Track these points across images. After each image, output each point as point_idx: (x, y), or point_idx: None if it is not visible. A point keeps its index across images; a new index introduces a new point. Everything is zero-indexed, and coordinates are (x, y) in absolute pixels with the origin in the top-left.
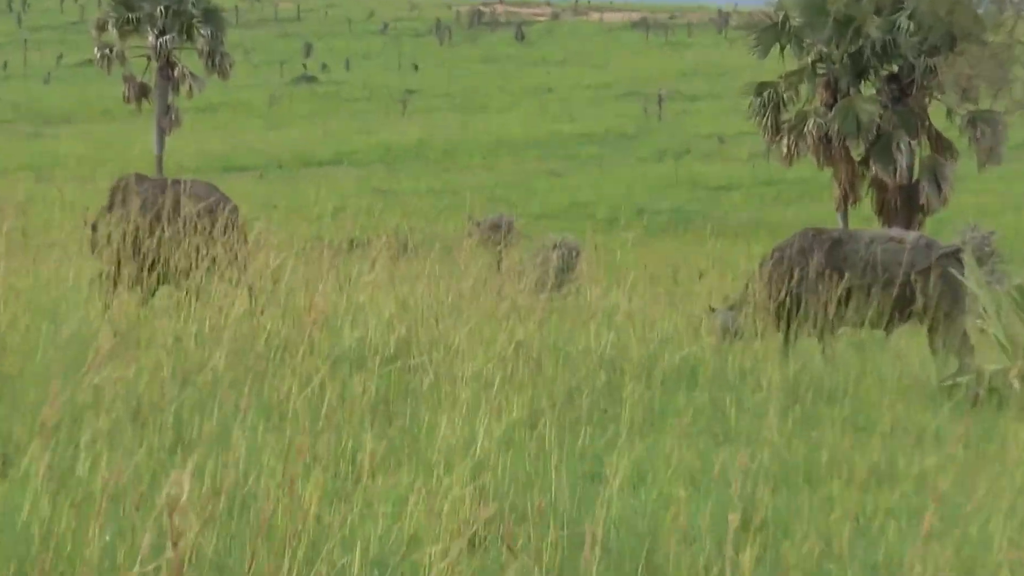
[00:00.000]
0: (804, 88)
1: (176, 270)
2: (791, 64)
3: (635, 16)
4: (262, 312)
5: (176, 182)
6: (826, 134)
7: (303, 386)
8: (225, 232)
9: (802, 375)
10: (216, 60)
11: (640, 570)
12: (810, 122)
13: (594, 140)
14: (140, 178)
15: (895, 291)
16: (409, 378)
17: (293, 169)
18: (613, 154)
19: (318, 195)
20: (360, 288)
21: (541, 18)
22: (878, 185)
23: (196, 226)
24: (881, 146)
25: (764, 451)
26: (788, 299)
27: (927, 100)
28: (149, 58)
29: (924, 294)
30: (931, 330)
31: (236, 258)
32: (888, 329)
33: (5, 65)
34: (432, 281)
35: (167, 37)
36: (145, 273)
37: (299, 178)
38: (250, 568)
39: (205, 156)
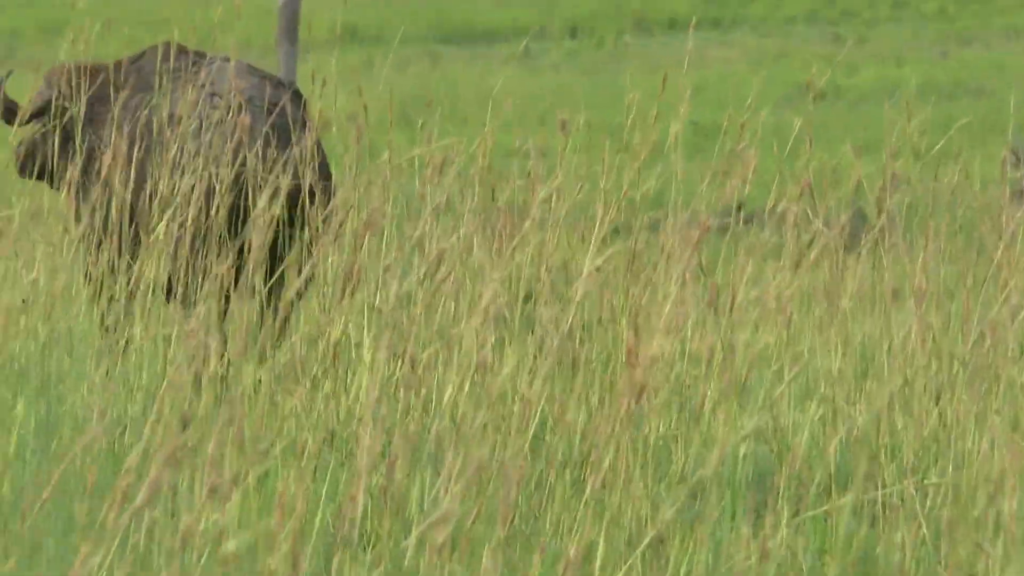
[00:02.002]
0: None
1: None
2: None
3: None
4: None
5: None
6: None
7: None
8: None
9: None
10: None
11: None
12: None
13: None
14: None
15: None
16: (875, 537)
17: (605, 38)
18: None
19: (663, 97)
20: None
21: None
22: None
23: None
24: None
25: None
26: None
27: None
28: None
29: None
30: None
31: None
32: None
33: None
34: (930, 305)
35: None
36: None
37: (618, 58)
38: None
39: (398, 8)
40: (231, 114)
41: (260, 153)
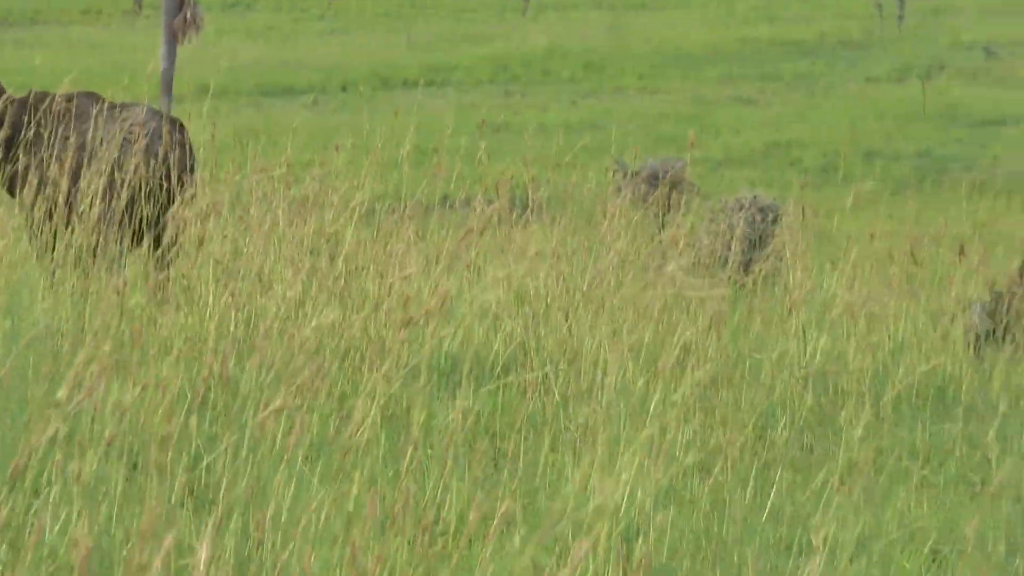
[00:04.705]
0: None
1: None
2: None
3: None
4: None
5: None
6: None
7: (373, 413)
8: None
9: None
10: None
11: None
12: None
13: (804, 51)
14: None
15: None
16: (526, 402)
17: (363, 92)
18: (831, 72)
19: (398, 130)
20: (457, 269)
21: None
22: None
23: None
24: None
25: None
26: None
27: None
28: None
29: None
30: None
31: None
32: None
33: None
34: (561, 258)
35: None
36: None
37: (372, 105)
38: None
39: (236, 73)
40: (138, 139)
41: (156, 162)
